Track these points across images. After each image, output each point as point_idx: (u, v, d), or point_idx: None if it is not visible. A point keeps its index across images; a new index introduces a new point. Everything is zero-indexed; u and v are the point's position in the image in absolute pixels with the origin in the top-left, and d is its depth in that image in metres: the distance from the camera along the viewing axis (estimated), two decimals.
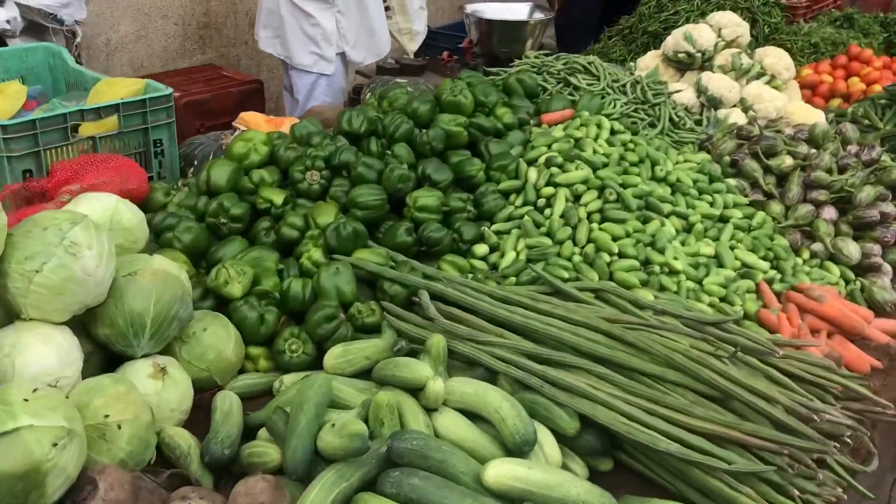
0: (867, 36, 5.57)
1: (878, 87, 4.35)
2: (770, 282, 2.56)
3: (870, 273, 2.71)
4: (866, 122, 3.75)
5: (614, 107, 3.21)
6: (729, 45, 3.67)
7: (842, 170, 2.92)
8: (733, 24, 3.64)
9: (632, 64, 3.87)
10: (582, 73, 3.35)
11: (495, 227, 2.49)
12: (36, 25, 4.03)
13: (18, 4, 3.86)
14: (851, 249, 2.69)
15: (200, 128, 4.82)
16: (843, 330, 2.35)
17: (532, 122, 2.95)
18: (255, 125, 2.93)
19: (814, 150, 2.98)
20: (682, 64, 3.66)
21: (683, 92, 3.54)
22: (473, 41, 3.96)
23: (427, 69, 3.87)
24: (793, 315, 2.36)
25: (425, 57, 3.87)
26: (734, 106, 3.52)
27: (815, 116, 3.53)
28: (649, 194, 2.56)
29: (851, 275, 2.68)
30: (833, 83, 4.61)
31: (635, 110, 3.25)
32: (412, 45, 4.72)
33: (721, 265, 2.50)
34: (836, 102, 4.56)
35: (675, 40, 3.63)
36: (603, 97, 3.26)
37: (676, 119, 3.29)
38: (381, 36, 4.66)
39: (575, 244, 2.38)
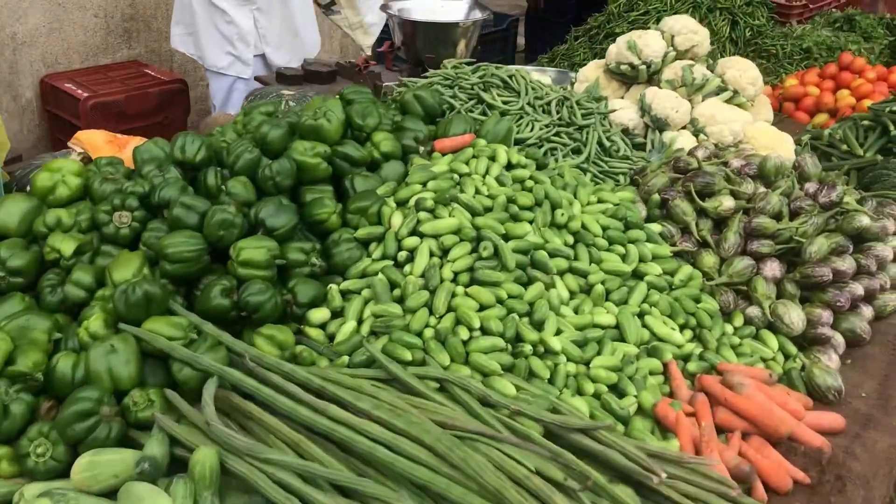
0: (869, 40, 5.07)
1: (868, 102, 3.86)
2: (686, 358, 2.11)
3: (816, 346, 2.26)
4: (845, 147, 3.27)
5: (532, 129, 2.76)
6: (683, 55, 3.20)
7: (794, 214, 2.46)
8: (688, 30, 3.17)
9: (572, 75, 3.41)
10: (500, 87, 2.90)
11: (345, 284, 2.06)
12: None
13: None
14: (793, 317, 2.23)
15: None
16: (764, 431, 1.90)
17: (424, 149, 2.51)
18: (92, 147, 2.52)
19: (762, 189, 2.52)
20: (627, 77, 3.20)
21: (626, 110, 3.08)
22: (395, 44, 3.51)
23: (340, 76, 3.43)
24: (701, 410, 1.91)
25: (338, 62, 3.43)
26: (684, 128, 3.06)
27: (781, 142, 3.06)
28: (538, 247, 2.12)
29: (793, 348, 2.23)
30: (819, 96, 4.13)
31: (557, 134, 2.79)
32: (367, 40, 4.27)
33: (622, 338, 2.06)
34: (821, 118, 4.07)
35: (618, 49, 3.16)
36: (521, 118, 2.81)
37: (608, 144, 2.83)
38: (308, 37, 4.24)
39: (432, 313, 1.94)
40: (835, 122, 3.89)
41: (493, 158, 2.37)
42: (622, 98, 3.22)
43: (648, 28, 4.40)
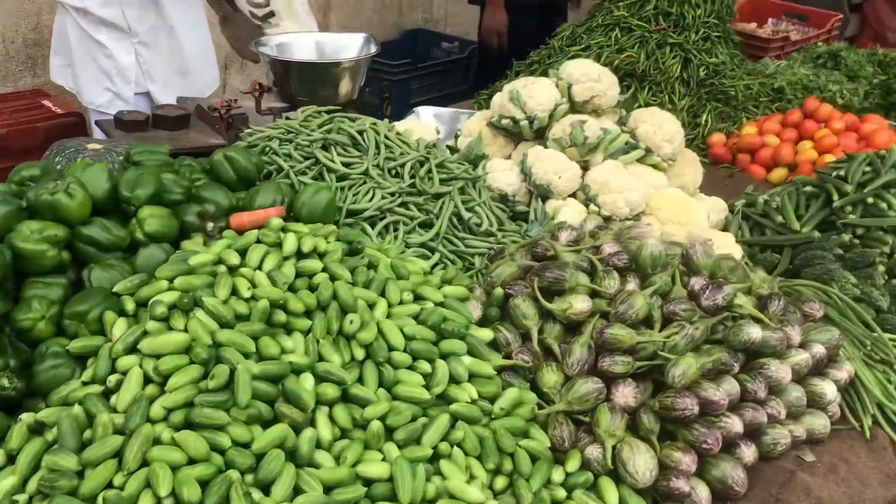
0: (853, 80, 4.54)
1: (830, 158, 3.36)
2: None
3: (669, 503, 1.77)
4: (780, 218, 2.77)
5: (371, 199, 2.32)
6: (582, 107, 2.73)
7: (668, 320, 1.98)
8: (588, 78, 2.70)
9: (459, 128, 2.96)
10: (346, 145, 2.46)
11: (41, 415, 1.62)
12: None
13: None
14: (639, 465, 1.75)
15: None
16: None
17: (215, 225, 2.07)
18: None
19: (630, 287, 2.04)
20: (511, 133, 2.74)
21: (507, 172, 2.63)
22: (264, 85, 3.09)
23: (202, 120, 3.01)
24: None
25: (199, 104, 3.00)
26: (574, 195, 2.59)
27: (691, 214, 2.58)
28: (301, 370, 1.67)
29: None
30: (778, 148, 3.62)
31: (404, 204, 2.34)
32: None
33: (394, 497, 1.59)
34: (778, 174, 3.57)
35: (501, 100, 2.71)
36: (365, 182, 2.37)
37: (467, 217, 2.38)
38: (202, 74, 3.83)
39: (121, 469, 1.50)
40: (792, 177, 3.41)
41: (277, 244, 1.93)
42: (509, 157, 2.75)
43: None
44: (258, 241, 1.94)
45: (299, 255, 1.93)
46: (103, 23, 3.55)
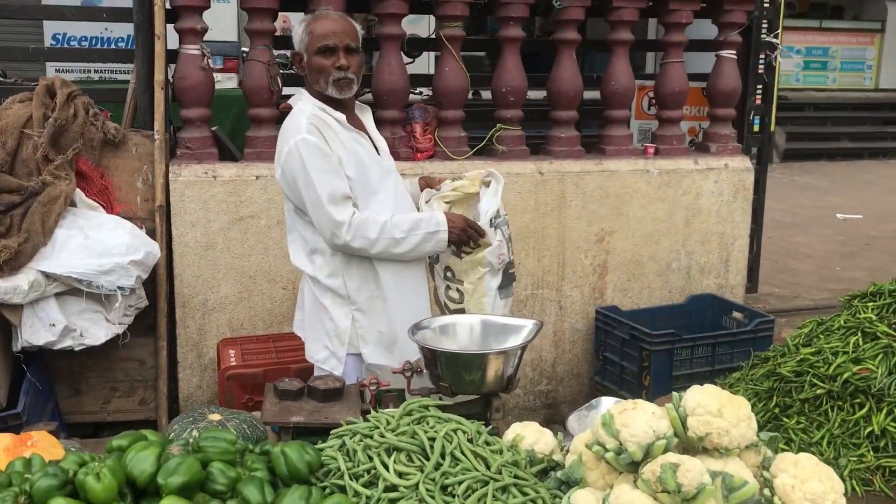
0: None
1: None
2: None
3: None
4: None
5: None
6: (696, 444, 2.35)
7: None
8: (706, 411, 2.30)
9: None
10: (413, 451, 2.41)
11: None
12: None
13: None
14: None
15: None
16: None
17: None
18: None
19: None
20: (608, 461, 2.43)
21: None
22: (415, 366, 3.16)
23: (357, 394, 3.17)
24: None
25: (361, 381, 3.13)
26: None
27: None
28: None
29: None
30: None
31: None
32: None
33: None
34: None
35: (598, 423, 2.44)
36: (412, 497, 2.28)
37: None
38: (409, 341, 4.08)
39: None
40: None
41: None
42: (610, 486, 2.44)
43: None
44: None
45: None
46: (329, 290, 4.01)
